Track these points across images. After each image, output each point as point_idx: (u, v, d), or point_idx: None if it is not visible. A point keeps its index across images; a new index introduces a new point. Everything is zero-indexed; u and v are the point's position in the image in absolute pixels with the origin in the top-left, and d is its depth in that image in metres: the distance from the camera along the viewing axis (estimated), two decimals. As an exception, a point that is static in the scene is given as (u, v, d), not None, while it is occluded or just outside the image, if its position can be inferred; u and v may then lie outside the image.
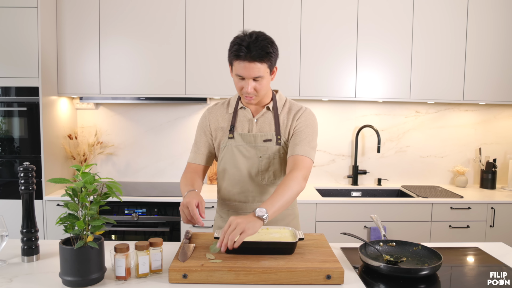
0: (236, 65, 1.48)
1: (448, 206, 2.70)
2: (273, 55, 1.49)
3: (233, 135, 1.61)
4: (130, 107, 3.15)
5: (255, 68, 1.45)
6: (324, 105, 3.17)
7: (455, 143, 3.25)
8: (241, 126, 1.62)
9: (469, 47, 2.88)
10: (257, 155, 1.59)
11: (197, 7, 2.78)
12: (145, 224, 2.65)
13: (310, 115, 1.62)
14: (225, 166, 1.63)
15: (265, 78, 1.50)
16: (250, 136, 1.60)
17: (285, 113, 1.63)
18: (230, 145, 1.61)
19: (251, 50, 1.43)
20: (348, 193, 3.13)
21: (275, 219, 1.64)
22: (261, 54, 1.44)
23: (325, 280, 1.22)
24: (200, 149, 1.67)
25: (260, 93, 1.52)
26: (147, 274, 1.26)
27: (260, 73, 1.47)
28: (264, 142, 1.59)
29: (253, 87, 1.49)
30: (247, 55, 1.44)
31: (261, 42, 1.45)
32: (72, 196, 1.20)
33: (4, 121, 2.63)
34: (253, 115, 1.63)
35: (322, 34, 2.83)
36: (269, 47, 1.46)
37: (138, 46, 2.79)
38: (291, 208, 1.69)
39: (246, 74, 1.47)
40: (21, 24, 2.55)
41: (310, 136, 1.58)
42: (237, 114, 1.64)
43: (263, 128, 1.61)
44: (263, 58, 1.45)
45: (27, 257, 1.40)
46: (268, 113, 1.62)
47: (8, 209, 2.59)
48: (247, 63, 1.45)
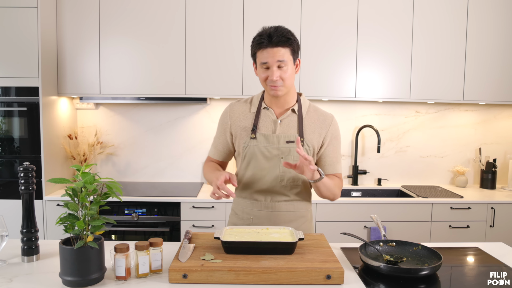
0: (260, 55, 1.52)
1: (448, 206, 2.70)
2: (294, 42, 1.53)
3: (255, 135, 1.61)
4: (130, 107, 3.15)
5: (278, 52, 1.49)
6: (324, 105, 3.17)
7: (455, 143, 3.25)
8: (264, 127, 1.62)
9: (469, 47, 2.88)
10: (279, 156, 1.59)
11: (197, 7, 2.78)
12: (145, 224, 2.65)
13: (337, 125, 1.68)
14: (246, 165, 1.63)
15: (289, 66, 1.52)
16: (274, 137, 1.59)
17: (314, 118, 1.64)
18: (252, 145, 1.61)
19: (272, 36, 1.49)
20: (348, 193, 3.13)
21: (288, 219, 1.64)
22: (283, 39, 1.49)
23: (325, 280, 1.22)
24: (217, 146, 1.73)
25: (286, 83, 1.53)
26: (147, 274, 1.26)
27: (284, 57, 1.50)
28: (286, 144, 1.58)
29: (279, 75, 1.51)
30: (270, 42, 1.49)
31: (282, 30, 1.51)
32: (72, 196, 1.20)
33: (4, 121, 2.63)
34: (277, 116, 1.63)
35: (322, 34, 2.83)
36: (290, 34, 1.52)
37: (138, 46, 2.79)
38: (304, 210, 1.69)
39: (271, 60, 1.50)
40: (21, 24, 2.55)
41: (339, 149, 1.68)
42: (260, 114, 1.64)
43: (288, 130, 1.61)
44: (285, 43, 1.49)
45: (27, 257, 1.40)
46: (293, 115, 1.62)
47: (8, 209, 2.59)
48: (270, 49, 1.50)
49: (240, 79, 2.82)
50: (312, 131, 1.61)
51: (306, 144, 1.59)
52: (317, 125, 1.62)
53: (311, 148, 1.60)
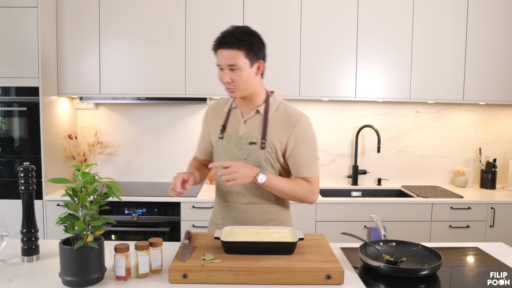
0: (217, 56, 1.50)
1: (448, 206, 2.70)
2: (250, 45, 1.46)
3: (222, 135, 1.61)
4: (130, 107, 3.15)
5: (229, 55, 1.45)
6: (324, 105, 3.17)
7: (455, 143, 3.25)
8: (231, 127, 1.61)
9: (469, 47, 2.88)
10: (242, 157, 1.56)
11: (197, 7, 2.78)
12: (145, 224, 2.65)
13: (307, 125, 1.56)
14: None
15: (244, 70, 1.47)
16: (236, 137, 1.57)
17: (280, 120, 1.56)
18: (219, 145, 1.62)
19: (226, 37, 1.46)
20: (348, 193, 3.13)
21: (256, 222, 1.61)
22: (233, 41, 1.44)
23: (325, 280, 1.22)
24: (200, 145, 1.77)
25: (238, 85, 1.49)
26: (147, 274, 1.26)
27: (234, 61, 1.45)
28: (249, 145, 1.55)
29: (230, 77, 1.48)
30: (221, 44, 1.47)
31: (238, 31, 1.46)
32: (72, 196, 1.20)
33: (4, 121, 2.63)
34: (243, 116, 1.60)
35: (322, 34, 2.83)
36: (245, 36, 1.46)
37: (138, 46, 2.79)
38: (274, 213, 1.64)
39: (221, 62, 1.48)
40: (21, 24, 2.55)
41: (310, 151, 1.56)
42: (230, 114, 1.63)
43: (251, 130, 1.57)
44: (236, 45, 1.44)
45: (27, 257, 1.40)
46: (258, 116, 1.58)
47: (8, 209, 2.59)
48: (222, 50, 1.47)
49: (240, 79, 2.81)
50: (275, 132, 1.55)
51: (268, 146, 1.54)
52: (281, 126, 1.55)
53: (273, 150, 1.54)
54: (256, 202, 1.60)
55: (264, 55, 1.54)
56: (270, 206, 1.62)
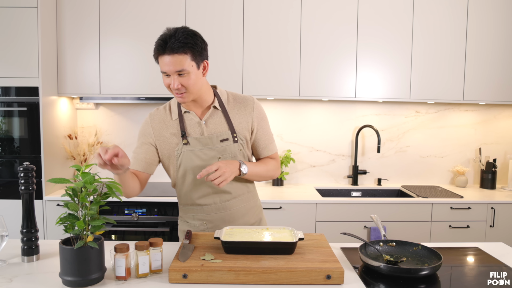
0: (160, 62, 1.44)
1: (448, 206, 2.70)
2: (194, 46, 1.42)
3: (187, 140, 1.55)
4: (130, 107, 3.15)
5: (176, 61, 1.40)
6: (324, 105, 3.17)
7: (455, 143, 3.25)
8: (192, 131, 1.56)
9: (469, 47, 2.88)
10: (216, 156, 1.55)
11: (196, 8, 2.78)
12: (145, 224, 2.65)
13: (260, 105, 1.65)
14: (184, 173, 1.58)
15: (192, 73, 1.44)
16: (205, 138, 1.54)
17: (237, 108, 1.59)
18: (186, 151, 1.55)
19: (169, 42, 1.40)
20: (348, 193, 3.13)
21: (241, 214, 1.64)
22: (178, 45, 1.39)
23: (325, 280, 1.22)
24: (139, 155, 1.61)
25: (190, 89, 1.46)
26: (147, 274, 1.26)
27: (181, 65, 1.41)
28: (221, 142, 1.55)
29: (180, 83, 1.43)
30: (165, 49, 1.41)
31: (180, 34, 1.41)
32: (72, 196, 1.20)
33: (4, 121, 2.63)
34: (199, 117, 1.57)
35: (322, 34, 2.83)
36: (189, 38, 1.42)
37: (138, 46, 2.79)
38: (252, 200, 1.69)
39: (167, 68, 1.42)
40: (21, 24, 2.55)
41: (268, 129, 1.67)
42: (184, 119, 1.58)
43: (216, 128, 1.56)
44: (181, 49, 1.40)
45: (27, 257, 1.40)
46: (217, 112, 1.57)
47: (8, 209, 2.59)
48: (166, 56, 1.41)
49: (240, 79, 2.82)
50: (239, 122, 1.57)
51: (240, 138, 1.56)
52: (241, 114, 1.58)
53: (244, 141, 1.58)
54: (238, 195, 1.63)
55: (207, 54, 1.51)
56: (248, 195, 1.67)
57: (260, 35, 2.81)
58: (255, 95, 2.83)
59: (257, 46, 2.81)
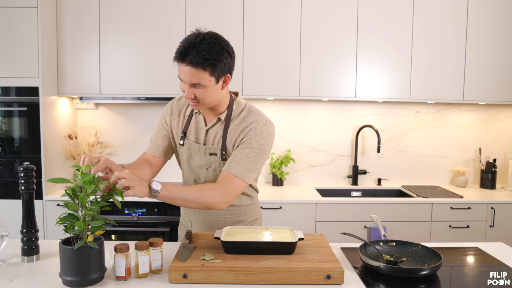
0: (178, 67, 1.35)
1: (448, 206, 2.70)
2: (216, 63, 1.30)
3: (183, 142, 1.55)
4: (130, 107, 3.15)
5: (192, 75, 1.30)
6: (324, 105, 3.17)
7: (455, 143, 3.25)
8: (193, 134, 1.54)
9: (469, 47, 2.88)
10: (204, 167, 1.53)
11: (197, 7, 2.78)
12: (145, 224, 2.65)
13: (262, 132, 1.44)
14: (182, 168, 1.64)
15: (208, 88, 1.34)
16: (197, 146, 1.53)
17: (237, 124, 1.48)
18: (181, 151, 1.58)
19: (190, 53, 1.28)
20: (348, 193, 3.13)
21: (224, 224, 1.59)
22: (197, 60, 1.28)
23: (325, 280, 1.22)
24: (157, 140, 1.59)
25: (203, 102, 1.38)
26: (147, 274, 1.26)
27: (199, 80, 1.31)
28: (210, 156, 1.51)
29: (194, 93, 1.35)
30: (183, 59, 1.30)
31: (204, 47, 1.28)
32: (72, 196, 1.20)
33: (4, 121, 2.63)
34: (206, 123, 1.53)
35: (322, 34, 2.83)
36: (213, 54, 1.29)
37: (138, 46, 2.79)
38: (243, 215, 1.61)
39: (184, 79, 1.33)
40: (21, 24, 2.55)
41: (253, 155, 1.42)
42: (191, 119, 1.55)
43: (212, 140, 1.51)
44: (200, 65, 1.28)
45: (27, 257, 1.40)
46: (221, 124, 1.50)
47: (8, 209, 2.59)
48: (183, 66, 1.31)
49: (240, 78, 2.82)
50: (230, 140, 1.48)
51: (228, 156, 1.48)
52: (235, 134, 1.47)
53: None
54: None
55: (232, 68, 1.40)
56: (237, 208, 1.61)
57: (260, 34, 2.81)
58: (255, 95, 2.83)
59: (257, 46, 2.81)
